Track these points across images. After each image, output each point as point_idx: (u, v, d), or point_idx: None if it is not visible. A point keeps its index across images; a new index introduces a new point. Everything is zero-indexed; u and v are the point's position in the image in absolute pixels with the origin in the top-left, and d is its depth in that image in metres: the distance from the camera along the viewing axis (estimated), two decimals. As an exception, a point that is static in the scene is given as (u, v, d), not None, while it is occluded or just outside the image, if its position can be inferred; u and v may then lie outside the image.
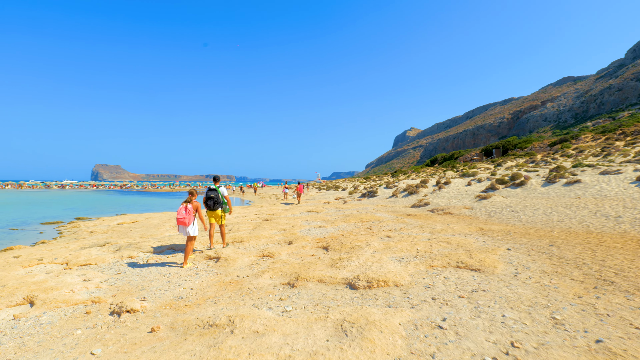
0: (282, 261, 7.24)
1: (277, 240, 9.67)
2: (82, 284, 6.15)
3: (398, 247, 7.33)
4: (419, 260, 6.25)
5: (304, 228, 11.45)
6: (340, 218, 13.39)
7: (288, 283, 5.74)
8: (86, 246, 10.71)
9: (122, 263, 8.06)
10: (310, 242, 9.01)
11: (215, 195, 8.60)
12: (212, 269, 7.16)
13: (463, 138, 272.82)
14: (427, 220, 11.93)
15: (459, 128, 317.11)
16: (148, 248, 9.33)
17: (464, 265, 5.69)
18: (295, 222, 12.90)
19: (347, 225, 11.70)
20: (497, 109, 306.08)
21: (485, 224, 10.25)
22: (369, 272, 5.55)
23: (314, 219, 13.55)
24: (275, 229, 11.48)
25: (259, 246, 9.13)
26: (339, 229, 11.06)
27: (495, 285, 4.77)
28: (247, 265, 7.31)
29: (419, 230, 9.58)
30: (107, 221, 21.41)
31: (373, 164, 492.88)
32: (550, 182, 17.80)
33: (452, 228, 9.28)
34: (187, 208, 7.41)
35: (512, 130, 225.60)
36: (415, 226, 10.39)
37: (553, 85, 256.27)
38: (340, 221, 12.51)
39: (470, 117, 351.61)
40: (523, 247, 6.79)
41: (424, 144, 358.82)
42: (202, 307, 4.93)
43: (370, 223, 11.75)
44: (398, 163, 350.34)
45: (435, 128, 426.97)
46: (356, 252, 7.28)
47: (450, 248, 6.97)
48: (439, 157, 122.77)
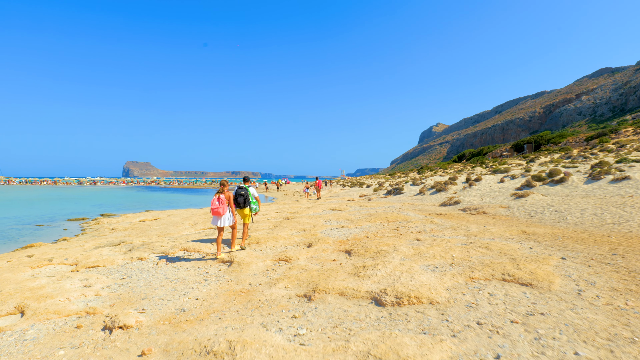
0: (300, 267, 6.53)
1: (296, 242, 8.97)
2: (81, 291, 5.63)
3: (430, 252, 6.48)
4: (455, 270, 5.39)
5: (326, 228, 10.72)
6: (365, 217, 12.57)
7: (304, 295, 5.01)
8: (100, 245, 10.36)
9: (131, 266, 7.57)
10: (332, 245, 8.27)
11: (245, 193, 8.69)
12: (223, 275, 6.54)
13: (492, 133, 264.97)
14: (460, 220, 10.95)
15: (487, 123, 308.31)
16: (161, 249, 8.83)
17: (512, 278, 4.80)
18: (316, 222, 12.18)
19: (372, 225, 10.88)
20: (528, 103, 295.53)
21: (527, 225, 9.21)
22: (398, 285, 4.76)
23: (337, 218, 12.79)
24: (295, 229, 10.80)
25: (276, 249, 8.47)
26: (363, 229, 10.26)
27: (555, 306, 3.88)
28: (261, 271, 6.64)
29: (452, 232, 8.66)
30: (130, 218, 21.38)
31: (398, 160, 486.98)
32: (594, 179, 16.35)
33: (490, 230, 8.32)
34: (220, 198, 7.68)
35: (544, 124, 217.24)
36: (447, 227, 9.46)
37: (589, 77, 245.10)
38: (365, 221, 11.70)
39: (500, 111, 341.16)
40: (579, 255, 5.80)
41: (450, 140, 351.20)
42: (204, 324, 4.28)
43: (397, 223, 10.89)
44: (424, 159, 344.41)
45: (462, 123, 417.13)
46: (382, 258, 6.48)
47: (491, 255, 6.06)
48: (466, 152, 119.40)
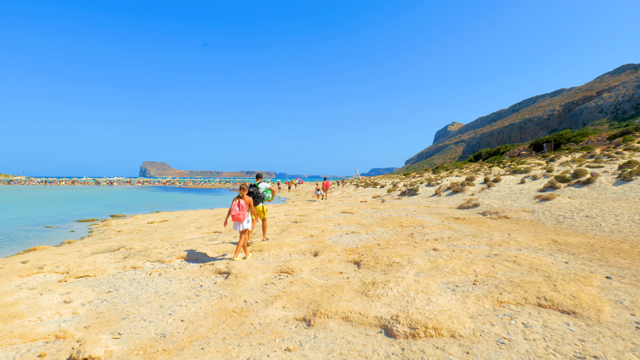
0: (302, 281, 5.85)
1: (302, 249, 8.29)
2: (57, 308, 5.06)
3: (449, 266, 5.71)
4: (480, 290, 4.62)
5: (335, 234, 10.01)
6: (377, 221, 11.82)
7: (303, 319, 4.33)
8: (98, 251, 9.87)
9: (122, 276, 7.00)
10: (340, 254, 7.56)
11: (255, 190, 8.76)
12: (217, 289, 5.90)
13: (509, 132, 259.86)
14: (480, 226, 10.12)
15: (504, 122, 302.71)
16: (158, 256, 8.26)
17: (549, 303, 4.02)
18: (326, 226, 11.49)
19: (385, 231, 10.13)
20: (547, 100, 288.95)
21: (556, 233, 8.33)
22: (413, 310, 4.03)
23: (347, 222, 12.08)
24: (302, 235, 10.13)
25: (279, 258, 7.80)
26: (374, 235, 9.52)
27: (610, 346, 3.10)
28: (259, 285, 5.98)
29: (472, 240, 7.85)
30: (138, 219, 21.05)
31: (413, 159, 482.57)
32: (625, 180, 15.24)
33: (516, 239, 7.48)
34: (240, 204, 7.63)
35: (564, 123, 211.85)
36: (467, 234, 8.65)
37: (610, 73, 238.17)
38: (377, 225, 10.96)
39: (517, 110, 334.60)
40: (627, 273, 4.96)
41: (466, 139, 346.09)
42: (182, 356, 3.63)
43: (412, 229, 10.12)
44: (439, 159, 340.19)
45: (478, 122, 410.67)
46: (395, 272, 5.75)
47: (520, 271, 5.27)
48: (483, 152, 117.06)
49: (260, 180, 9.22)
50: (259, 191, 8.86)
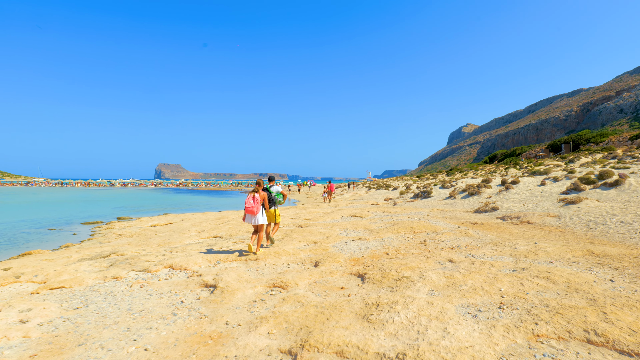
0: (297, 298, 5.03)
1: (302, 259, 7.48)
2: (6, 331, 4.34)
3: (468, 283, 4.83)
4: (508, 317, 3.74)
5: (340, 241, 9.17)
6: (387, 227, 10.95)
7: (289, 351, 3.51)
8: (86, 257, 9.22)
9: (99, 288, 6.29)
10: (343, 265, 6.72)
11: (268, 194, 8.53)
12: (199, 306, 5.12)
13: (525, 133, 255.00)
14: (501, 232, 9.16)
15: (519, 123, 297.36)
16: (144, 265, 7.55)
17: (603, 339, 3.12)
18: (331, 231, 10.66)
19: (395, 237, 9.25)
20: (564, 101, 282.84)
21: (590, 242, 7.34)
22: (424, 347, 3.17)
23: (355, 227, 11.22)
24: (305, 241, 9.31)
25: (276, 268, 7.00)
26: (383, 243, 8.65)
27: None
28: (247, 302, 5.19)
29: (493, 250, 6.92)
30: (143, 222, 20.54)
31: (426, 161, 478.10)
32: (658, 182, 14.05)
33: (545, 249, 6.53)
34: (255, 197, 7.67)
35: (581, 123, 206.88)
36: (487, 243, 7.72)
37: (630, 73, 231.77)
38: (387, 231, 10.08)
39: (533, 110, 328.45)
40: (693, 297, 4.01)
41: (481, 141, 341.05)
42: (130, 405, 2.86)
43: (425, 235, 9.22)
44: (453, 160, 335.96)
45: (493, 123, 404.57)
46: (404, 289, 4.89)
47: (556, 291, 4.36)
48: (498, 153, 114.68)
49: (272, 183, 9.03)
50: (271, 195, 8.62)
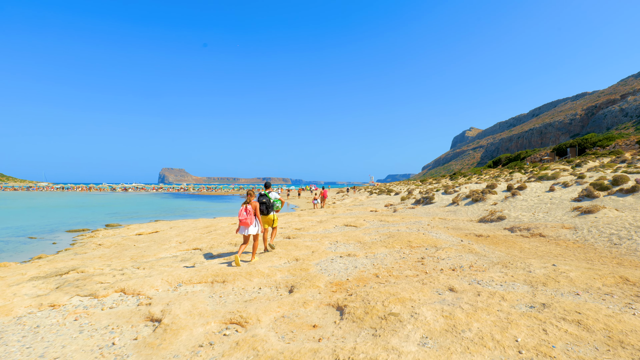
0: (252, 343, 3.91)
1: (277, 281, 6.36)
2: None
3: (473, 328, 3.69)
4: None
5: (326, 257, 8.03)
6: (382, 239, 9.82)
7: None
8: (40, 276, 8.13)
9: (27, 320, 5.18)
10: (322, 292, 5.59)
11: (267, 200, 8.69)
12: (129, 352, 4.01)
13: (529, 137, 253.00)
14: (510, 248, 8.00)
15: (523, 127, 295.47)
16: (94, 288, 6.45)
17: None
18: (319, 245, 9.53)
19: (389, 253, 8.11)
20: (568, 105, 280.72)
21: (618, 263, 6.16)
22: None
23: (347, 240, 10.09)
24: (287, 257, 8.19)
25: (243, 293, 5.88)
26: (375, 260, 7.51)
27: None
28: (190, 347, 4.06)
29: (503, 273, 5.76)
30: (130, 230, 19.54)
31: (430, 165, 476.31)
32: (680, 189, 12.85)
33: (566, 275, 5.36)
34: (247, 209, 7.87)
35: (586, 127, 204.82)
36: (495, 262, 6.56)
37: (635, 76, 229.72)
38: (381, 245, 8.94)
39: (537, 114, 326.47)
40: None
41: (484, 145, 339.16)
42: None
43: (423, 251, 8.07)
44: (457, 165, 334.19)
45: (497, 127, 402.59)
46: (389, 334, 3.76)
47: (594, 344, 3.21)
48: (502, 157, 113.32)
49: (270, 190, 9.12)
50: (269, 201, 8.75)
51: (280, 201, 9.14)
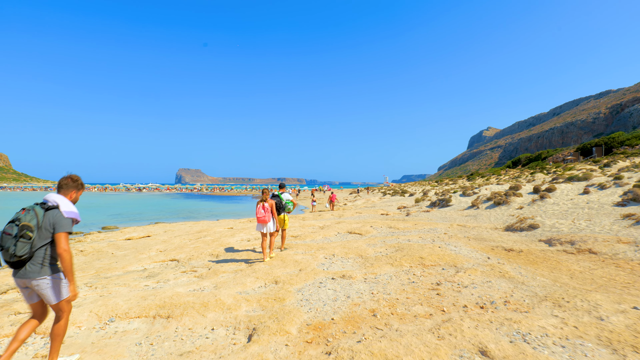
0: None
1: (237, 319, 4.65)
2: None
3: None
4: None
5: (315, 279, 6.29)
6: (388, 253, 8.04)
7: None
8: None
9: None
10: (291, 343, 3.84)
11: (278, 201, 8.67)
12: None
13: (549, 137, 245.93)
14: (555, 270, 6.12)
15: (543, 126, 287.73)
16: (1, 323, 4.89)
17: None
18: (311, 260, 7.80)
19: (395, 275, 6.32)
20: (591, 103, 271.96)
21: None
22: None
23: (346, 253, 8.34)
24: (265, 278, 6.48)
25: (185, 339, 4.20)
26: (375, 286, 5.73)
27: None
28: None
29: (558, 320, 3.89)
30: (124, 233, 18.25)
31: (446, 166, 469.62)
32: None
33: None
34: (265, 207, 7.90)
35: (610, 126, 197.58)
36: (540, 297, 4.72)
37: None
38: (386, 262, 7.15)
39: (558, 113, 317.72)
40: None
41: (503, 145, 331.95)
42: None
43: (439, 272, 6.26)
44: (473, 165, 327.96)
45: (515, 127, 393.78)
46: None
47: None
48: (522, 157, 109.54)
49: (283, 191, 9.18)
50: (281, 201, 8.78)
51: (292, 202, 9.13)
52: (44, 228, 3.19)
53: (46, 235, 3.21)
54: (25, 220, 3.13)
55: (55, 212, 3.25)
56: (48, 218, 3.21)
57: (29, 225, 3.12)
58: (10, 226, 3.14)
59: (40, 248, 3.20)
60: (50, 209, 3.26)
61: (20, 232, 3.09)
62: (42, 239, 3.21)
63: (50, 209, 3.26)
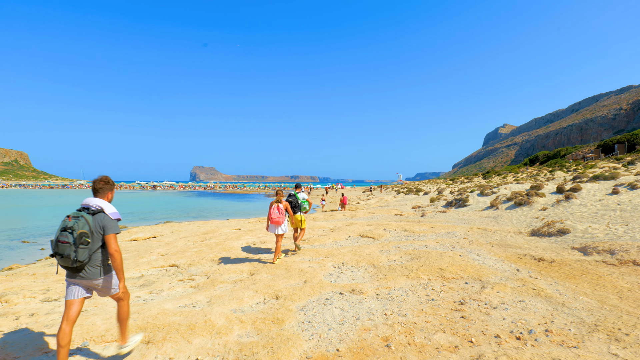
0: None
1: (227, 347, 3.97)
2: None
3: None
4: None
5: (320, 295, 5.57)
6: (403, 262, 7.29)
7: None
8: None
9: None
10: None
11: (294, 200, 8.81)
12: None
13: (567, 134, 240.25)
14: (598, 287, 5.29)
15: (562, 123, 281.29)
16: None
17: None
18: (318, 270, 7.10)
19: (411, 290, 5.57)
20: (612, 99, 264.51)
21: None
22: None
23: (357, 261, 7.61)
24: (265, 292, 5.79)
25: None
26: (388, 305, 4.99)
27: None
28: None
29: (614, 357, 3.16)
30: (131, 233, 17.84)
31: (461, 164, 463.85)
32: None
33: None
34: (279, 208, 7.87)
35: (632, 122, 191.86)
36: (589, 325, 3.93)
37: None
38: (400, 273, 6.40)
39: (577, 110, 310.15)
40: None
41: (519, 142, 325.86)
42: None
43: (461, 287, 5.49)
44: (489, 163, 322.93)
45: (532, 124, 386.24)
46: None
47: None
48: (540, 155, 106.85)
49: (299, 190, 9.31)
50: (297, 201, 8.90)
51: (308, 202, 9.26)
52: (95, 232, 3.41)
53: (98, 239, 3.44)
54: (80, 228, 3.31)
55: (102, 215, 3.48)
56: (97, 222, 3.43)
57: (85, 232, 3.32)
58: (64, 234, 3.27)
59: (95, 251, 3.45)
60: (96, 213, 3.47)
61: (79, 240, 3.28)
62: (95, 243, 3.44)
63: (96, 213, 3.47)
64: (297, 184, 9.67)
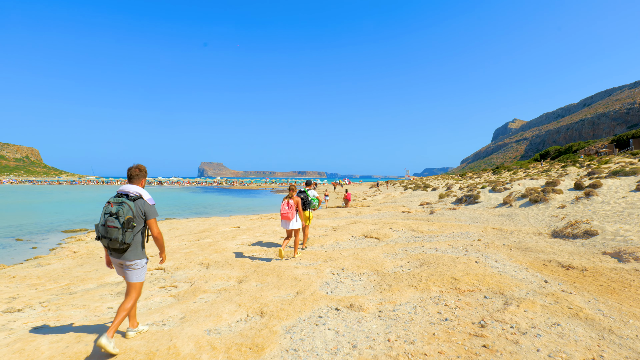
0: None
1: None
2: None
3: None
4: None
5: (312, 311, 4.74)
6: (411, 269, 6.43)
7: None
8: None
9: None
10: None
11: (304, 197, 8.73)
12: None
13: (579, 129, 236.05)
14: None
15: (573, 117, 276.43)
16: None
17: None
18: (314, 277, 6.26)
19: (420, 305, 4.71)
20: (625, 93, 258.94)
21: None
22: None
23: (358, 267, 6.77)
24: (248, 307, 4.97)
25: None
26: (392, 328, 4.13)
27: None
28: None
29: None
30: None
31: (469, 159, 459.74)
32: None
33: None
34: (289, 203, 7.84)
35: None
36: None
37: None
38: (408, 284, 5.54)
39: (589, 104, 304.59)
40: None
41: (529, 137, 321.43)
42: None
43: (480, 303, 4.62)
44: (498, 158, 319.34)
45: (543, 118, 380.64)
46: None
47: None
48: (551, 150, 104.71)
49: (309, 188, 9.35)
50: (307, 197, 8.84)
51: (317, 199, 9.27)
52: (137, 217, 3.67)
53: (140, 222, 3.72)
54: (126, 214, 3.54)
55: (142, 201, 3.74)
56: (138, 207, 3.68)
57: (131, 217, 3.57)
58: (111, 219, 3.51)
59: (137, 234, 3.72)
60: (135, 199, 3.70)
61: (127, 224, 3.53)
62: (138, 227, 3.73)
63: (136, 199, 3.70)
64: (307, 180, 9.73)
